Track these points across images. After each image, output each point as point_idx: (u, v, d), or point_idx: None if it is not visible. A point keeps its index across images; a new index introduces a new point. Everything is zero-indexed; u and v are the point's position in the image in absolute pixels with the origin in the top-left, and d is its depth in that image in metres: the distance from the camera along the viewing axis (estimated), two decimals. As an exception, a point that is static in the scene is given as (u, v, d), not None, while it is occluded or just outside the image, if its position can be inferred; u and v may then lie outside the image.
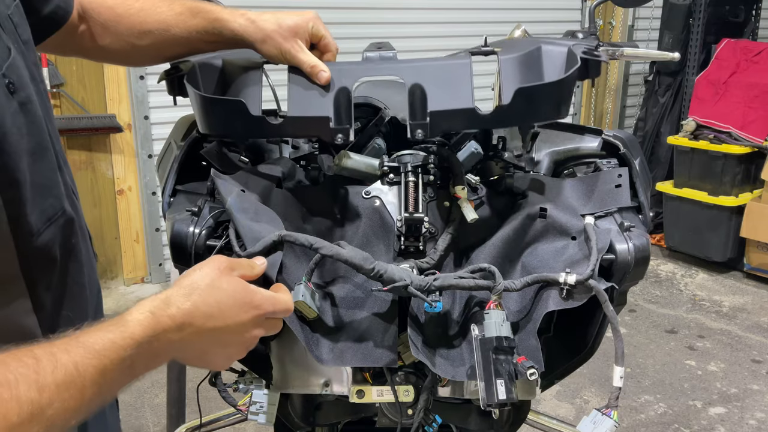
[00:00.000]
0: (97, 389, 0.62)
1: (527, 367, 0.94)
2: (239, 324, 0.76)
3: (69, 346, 0.62)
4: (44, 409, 0.57)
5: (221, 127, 1.04)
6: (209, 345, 0.75)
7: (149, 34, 1.04)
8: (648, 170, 1.20)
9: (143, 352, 0.67)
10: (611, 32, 5.02)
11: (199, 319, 0.72)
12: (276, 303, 0.81)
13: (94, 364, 0.62)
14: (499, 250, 1.11)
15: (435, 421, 1.22)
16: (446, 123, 0.99)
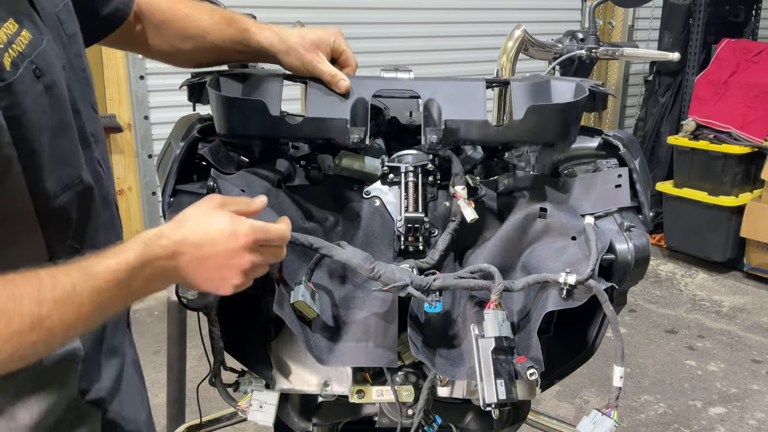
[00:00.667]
0: (94, 306, 0.72)
1: (527, 367, 0.94)
2: (229, 250, 0.82)
3: (70, 269, 0.72)
4: (43, 320, 0.67)
5: (241, 128, 1.07)
6: (203, 270, 0.82)
7: (190, 39, 1.13)
8: (648, 170, 1.20)
9: (137, 276, 0.76)
10: (611, 32, 5.02)
11: (189, 247, 0.80)
12: (267, 230, 0.85)
13: (91, 285, 0.72)
14: (499, 250, 1.11)
15: (435, 421, 1.22)
16: (460, 133, 1.02)
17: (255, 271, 0.87)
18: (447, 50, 4.33)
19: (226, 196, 0.89)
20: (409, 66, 1.32)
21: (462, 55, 4.35)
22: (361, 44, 4.00)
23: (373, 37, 4.04)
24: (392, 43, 4.13)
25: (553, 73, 1.65)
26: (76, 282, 0.71)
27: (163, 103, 3.58)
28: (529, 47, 1.62)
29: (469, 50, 4.35)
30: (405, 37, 4.19)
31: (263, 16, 1.78)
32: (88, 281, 0.72)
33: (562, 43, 1.63)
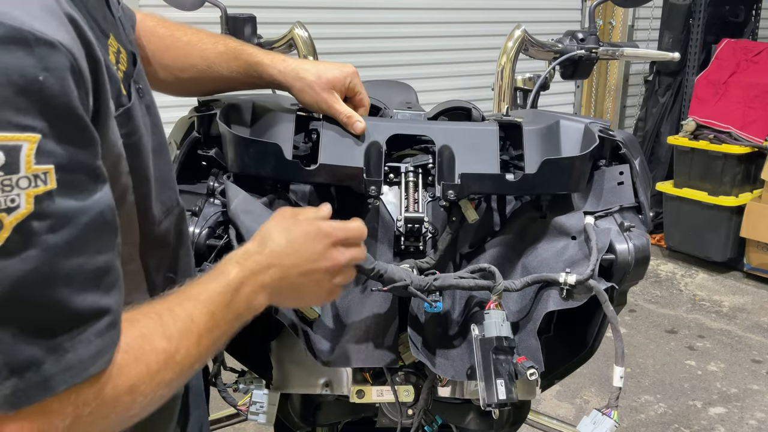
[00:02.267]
0: (211, 333, 0.70)
1: (527, 367, 0.94)
2: (315, 254, 0.83)
3: (180, 299, 0.70)
4: (173, 355, 0.65)
5: (254, 168, 1.06)
6: (297, 279, 0.82)
7: (192, 68, 1.08)
8: (648, 170, 1.21)
9: (239, 295, 0.75)
10: (611, 32, 5.02)
11: (279, 258, 0.81)
12: (346, 228, 0.87)
13: (204, 312, 0.70)
14: (499, 250, 1.11)
15: (435, 421, 1.22)
16: (475, 185, 1.03)
17: (344, 273, 0.87)
18: (447, 50, 4.33)
19: (290, 207, 0.91)
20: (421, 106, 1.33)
21: (462, 55, 4.35)
22: (361, 44, 4.00)
23: (373, 37, 4.04)
24: (392, 43, 4.13)
25: (553, 73, 1.66)
26: (190, 312, 0.69)
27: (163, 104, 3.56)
28: (529, 47, 1.62)
29: (469, 50, 4.35)
30: (405, 37, 4.19)
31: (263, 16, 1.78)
32: (202, 309, 0.70)
33: (562, 43, 1.63)
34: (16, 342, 0.52)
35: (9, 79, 0.50)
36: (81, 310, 0.55)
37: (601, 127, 1.14)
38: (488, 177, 1.05)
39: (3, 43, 0.50)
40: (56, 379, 0.54)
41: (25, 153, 0.51)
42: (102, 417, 0.59)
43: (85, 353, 0.55)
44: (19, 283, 0.51)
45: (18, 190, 0.51)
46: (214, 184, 1.09)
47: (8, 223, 0.51)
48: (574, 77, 1.67)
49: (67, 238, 0.54)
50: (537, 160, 1.06)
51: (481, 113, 1.21)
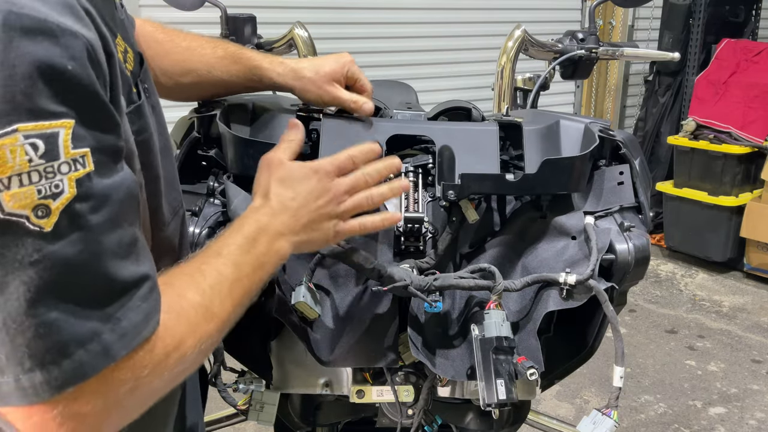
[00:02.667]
0: (240, 284, 0.73)
1: (527, 367, 0.94)
2: (315, 189, 0.86)
3: (205, 258, 0.73)
4: (209, 308, 0.68)
5: (254, 169, 1.06)
6: (308, 218, 0.85)
7: (192, 72, 1.09)
8: (648, 170, 1.20)
9: (260, 246, 0.78)
10: (611, 32, 5.02)
11: (284, 204, 0.83)
12: (333, 158, 0.89)
13: (229, 264, 0.73)
14: (499, 250, 1.11)
15: (435, 421, 1.22)
16: (475, 185, 1.03)
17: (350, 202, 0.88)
18: (447, 50, 4.33)
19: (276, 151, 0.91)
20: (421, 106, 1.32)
21: (462, 55, 4.35)
22: (361, 44, 4.00)
23: (373, 38, 4.04)
24: (392, 43, 4.13)
25: (553, 73, 1.65)
26: (217, 267, 0.72)
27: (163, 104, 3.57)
28: (529, 47, 1.62)
29: (469, 50, 4.35)
30: (405, 37, 4.19)
31: (263, 16, 1.78)
32: (225, 262, 0.73)
33: (562, 43, 1.63)
34: (75, 318, 0.55)
35: (39, 69, 0.52)
36: (126, 279, 0.59)
37: (601, 127, 1.14)
38: (488, 177, 1.05)
39: (30, 34, 0.52)
40: (116, 346, 0.57)
41: (63, 139, 0.53)
42: (158, 376, 0.62)
43: (136, 318, 0.59)
44: (72, 264, 0.54)
45: (60, 176, 0.53)
46: (214, 184, 1.09)
47: (55, 208, 0.53)
48: (574, 77, 1.67)
49: (108, 216, 0.57)
50: (537, 160, 1.06)
51: (481, 113, 1.21)
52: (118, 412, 0.60)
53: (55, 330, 0.54)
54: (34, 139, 0.52)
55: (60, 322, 0.54)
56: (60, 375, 0.54)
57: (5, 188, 0.51)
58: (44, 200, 0.52)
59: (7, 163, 0.51)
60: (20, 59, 0.51)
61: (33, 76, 0.51)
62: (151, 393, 0.63)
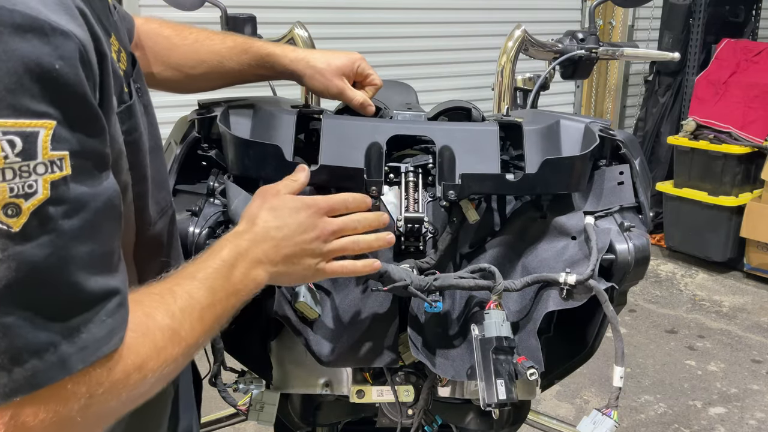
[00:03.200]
0: (212, 309, 0.72)
1: (527, 367, 0.94)
2: (303, 224, 0.84)
3: (178, 280, 0.71)
4: (177, 331, 0.66)
5: (255, 170, 1.06)
6: (290, 251, 0.83)
7: (203, 64, 1.09)
8: (648, 170, 1.21)
9: (237, 273, 0.77)
10: (611, 32, 5.02)
11: (269, 233, 0.82)
12: (329, 198, 0.89)
13: (202, 289, 0.72)
14: (499, 250, 1.11)
15: (435, 421, 1.22)
16: (475, 185, 1.03)
17: (337, 244, 0.87)
18: (447, 50, 4.33)
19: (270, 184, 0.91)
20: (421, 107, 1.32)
21: (462, 55, 4.35)
22: (361, 44, 4.00)
23: (374, 38, 4.04)
24: (392, 44, 4.13)
25: (553, 73, 1.65)
26: (189, 290, 0.71)
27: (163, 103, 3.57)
28: (529, 47, 1.62)
29: (469, 50, 4.35)
30: (405, 37, 4.19)
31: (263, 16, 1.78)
32: (199, 286, 0.72)
33: (562, 43, 1.63)
34: (34, 325, 0.53)
35: (26, 66, 0.51)
36: (93, 292, 0.57)
37: (602, 127, 1.14)
38: (489, 177, 1.05)
39: (20, 32, 0.51)
40: (73, 359, 0.55)
41: (42, 139, 0.52)
42: (115, 396, 0.60)
43: (99, 333, 0.57)
44: (36, 268, 0.52)
45: (35, 176, 0.52)
46: (214, 184, 1.09)
47: (26, 208, 0.51)
48: (574, 77, 1.67)
49: (81, 223, 0.55)
50: (537, 161, 1.06)
51: (481, 113, 1.21)
52: (67, 430, 0.57)
53: (9, 335, 0.51)
54: (12, 136, 0.51)
55: (16, 328, 0.52)
56: (9, 382, 0.52)
57: None
58: (15, 199, 0.51)
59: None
60: (8, 55, 0.50)
61: (19, 73, 0.51)
62: (105, 413, 0.60)
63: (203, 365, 1.09)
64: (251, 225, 0.83)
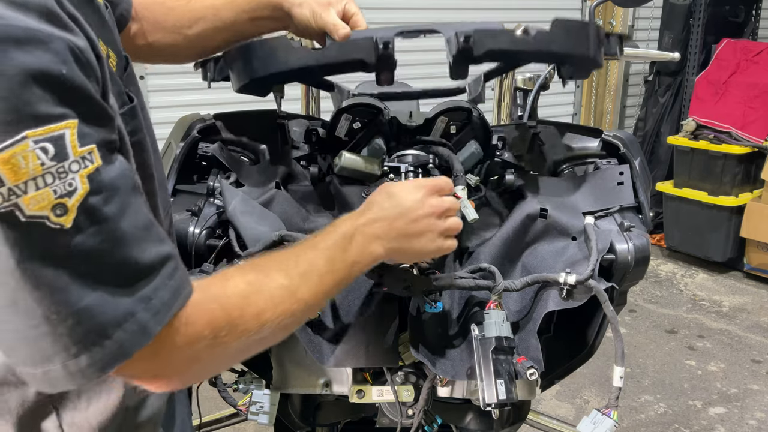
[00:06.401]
0: (330, 276, 0.80)
1: (527, 367, 0.94)
2: (417, 201, 0.90)
3: (302, 248, 0.81)
4: (295, 291, 0.75)
5: (263, 68, 1.05)
6: (406, 227, 0.89)
7: (199, 21, 1.09)
8: (648, 170, 1.21)
9: (355, 245, 0.84)
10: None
11: (384, 212, 0.88)
12: (435, 178, 0.96)
13: (323, 257, 0.80)
14: (499, 250, 1.11)
15: (435, 421, 1.22)
16: (489, 41, 0.99)
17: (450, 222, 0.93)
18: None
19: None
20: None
21: (462, 55, 4.35)
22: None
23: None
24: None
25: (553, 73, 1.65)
26: (310, 258, 0.79)
27: (163, 103, 3.58)
28: (529, 47, 1.62)
29: (469, 50, 4.34)
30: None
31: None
32: (319, 255, 0.80)
33: (562, 43, 1.63)
34: (109, 302, 0.59)
35: (35, 76, 0.54)
36: (150, 261, 0.62)
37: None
38: (501, 33, 1.00)
39: (21, 44, 0.54)
40: (150, 323, 0.61)
41: (69, 139, 0.56)
42: (236, 338, 0.69)
43: (166, 295, 0.63)
44: (96, 253, 0.58)
45: (72, 174, 0.56)
46: (214, 184, 1.09)
47: (71, 205, 0.56)
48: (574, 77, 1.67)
49: (120, 204, 0.60)
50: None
51: (481, 113, 1.21)
52: (192, 369, 0.68)
53: (92, 315, 0.58)
54: (44, 143, 0.54)
55: (96, 308, 0.58)
56: (104, 356, 0.59)
57: (23, 193, 0.54)
58: (60, 199, 0.55)
59: (21, 170, 0.53)
60: (16, 69, 0.53)
61: (31, 84, 0.53)
62: (230, 352, 0.70)
63: (203, 365, 1.09)
64: (369, 207, 0.90)
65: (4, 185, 0.53)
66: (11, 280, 0.55)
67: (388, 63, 1.02)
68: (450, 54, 1.02)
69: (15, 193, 0.53)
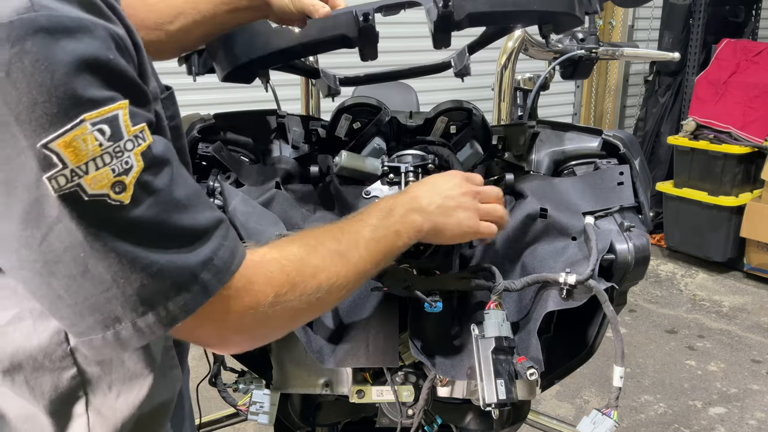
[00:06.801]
0: (375, 243, 0.84)
1: (527, 367, 0.94)
2: (453, 183, 0.96)
3: (348, 221, 0.86)
4: (344, 255, 0.80)
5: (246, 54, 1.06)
6: (443, 203, 0.94)
7: (179, 16, 1.09)
8: (648, 170, 1.21)
9: (395, 216, 0.89)
10: (611, 32, 5.02)
11: (422, 192, 0.94)
12: (468, 173, 1.01)
13: (367, 226, 0.85)
14: (499, 250, 1.11)
15: (435, 421, 1.22)
16: (469, 4, 0.99)
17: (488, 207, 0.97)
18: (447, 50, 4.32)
19: None
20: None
21: (462, 55, 4.35)
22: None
23: (373, 37, 4.03)
24: (391, 44, 4.11)
25: (553, 73, 1.66)
26: (356, 227, 0.84)
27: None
28: (529, 47, 1.62)
29: (469, 50, 4.34)
30: (405, 37, 4.18)
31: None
32: (364, 225, 0.85)
33: (562, 43, 1.63)
34: (172, 265, 0.63)
35: (87, 62, 0.57)
36: (206, 225, 0.67)
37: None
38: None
39: (71, 33, 0.57)
40: (212, 283, 0.66)
41: (123, 119, 0.60)
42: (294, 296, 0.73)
43: (225, 255, 0.68)
44: (156, 224, 0.62)
45: (127, 153, 0.60)
46: (214, 184, 1.09)
47: (129, 182, 0.60)
48: (574, 77, 1.67)
49: (170, 176, 0.65)
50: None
51: (481, 113, 1.21)
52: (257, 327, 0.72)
53: (158, 279, 0.62)
54: (100, 125, 0.58)
55: (161, 272, 0.62)
56: (168, 314, 0.64)
57: (84, 174, 0.57)
58: (119, 177, 0.59)
59: (82, 151, 0.57)
60: (69, 57, 0.56)
61: (84, 70, 0.57)
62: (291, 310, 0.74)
63: (203, 365, 1.09)
64: (407, 189, 0.96)
65: (67, 167, 0.57)
66: (81, 251, 0.59)
67: (370, 36, 1.03)
68: (431, 22, 1.02)
69: (77, 174, 0.57)
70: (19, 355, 0.71)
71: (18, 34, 0.55)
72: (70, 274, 0.60)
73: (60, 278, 0.60)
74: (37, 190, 0.57)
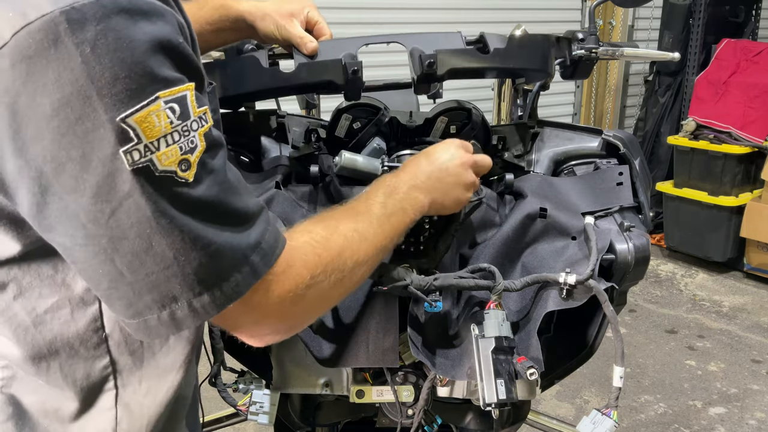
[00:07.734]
0: (387, 220, 0.87)
1: (527, 367, 0.94)
2: (449, 154, 0.99)
3: (357, 201, 0.89)
4: (363, 233, 0.82)
5: (234, 87, 1.09)
6: (442, 177, 0.97)
7: None
8: (648, 170, 1.21)
9: (400, 193, 0.92)
10: (611, 32, 5.02)
11: (421, 167, 0.97)
12: (462, 141, 1.04)
13: (377, 204, 0.88)
14: (499, 249, 1.11)
15: (435, 421, 1.22)
16: (452, 60, 1.07)
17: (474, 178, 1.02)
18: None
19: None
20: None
21: (462, 55, 4.35)
22: (361, 44, 4.00)
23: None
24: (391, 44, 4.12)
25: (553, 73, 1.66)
26: (366, 206, 0.87)
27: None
28: (529, 47, 1.62)
29: (469, 50, 4.34)
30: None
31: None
32: (373, 203, 0.88)
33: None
34: (228, 246, 0.65)
35: (162, 44, 0.60)
36: (255, 208, 0.70)
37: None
38: (461, 52, 1.09)
39: (148, 16, 0.60)
40: (260, 266, 0.68)
41: (190, 100, 0.62)
42: (326, 277, 0.75)
43: (271, 239, 0.70)
44: (215, 203, 0.65)
45: (193, 133, 0.63)
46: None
47: (193, 161, 0.63)
48: (574, 77, 1.67)
49: (223, 159, 0.67)
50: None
51: (481, 113, 1.21)
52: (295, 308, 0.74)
53: (214, 258, 0.64)
54: (172, 104, 0.60)
55: (218, 251, 0.64)
56: (222, 295, 0.65)
57: (156, 150, 0.60)
58: (185, 155, 0.62)
59: (156, 127, 0.59)
60: (147, 37, 0.59)
61: (158, 50, 0.59)
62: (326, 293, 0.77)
63: (203, 365, 1.09)
64: (406, 166, 0.98)
65: (141, 142, 0.59)
66: (147, 227, 0.61)
67: (356, 85, 1.09)
68: (414, 72, 1.10)
69: (150, 150, 0.59)
70: (57, 342, 0.72)
71: (103, 13, 0.57)
72: (133, 250, 0.61)
73: (123, 255, 0.61)
74: (111, 164, 0.58)
